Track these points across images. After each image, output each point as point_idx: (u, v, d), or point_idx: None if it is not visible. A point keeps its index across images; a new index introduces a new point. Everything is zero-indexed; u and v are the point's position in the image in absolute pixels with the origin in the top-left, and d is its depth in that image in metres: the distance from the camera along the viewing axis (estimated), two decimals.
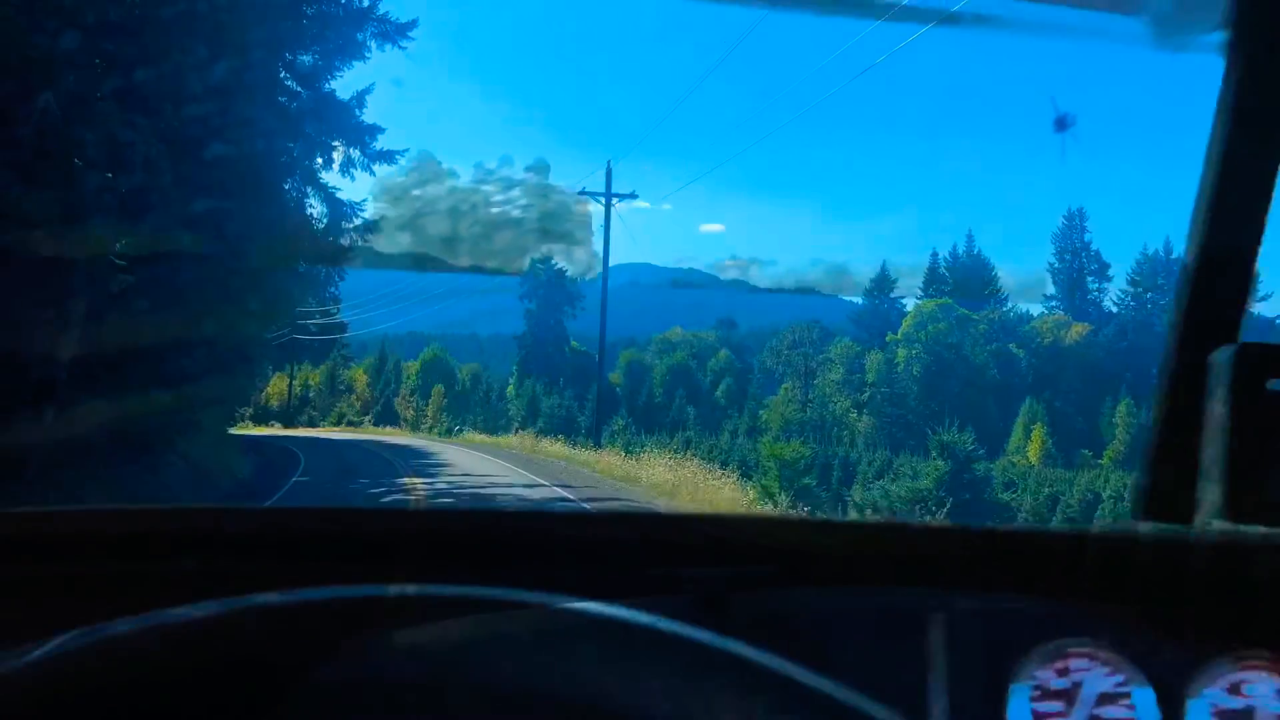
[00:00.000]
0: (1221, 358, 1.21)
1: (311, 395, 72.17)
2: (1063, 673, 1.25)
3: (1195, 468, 1.24)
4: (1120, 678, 1.24)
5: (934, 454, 32.68)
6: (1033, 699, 1.24)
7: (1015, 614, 1.28)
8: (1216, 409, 1.20)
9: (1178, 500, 1.25)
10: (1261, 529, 1.23)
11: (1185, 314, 1.30)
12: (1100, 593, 1.30)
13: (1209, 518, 1.21)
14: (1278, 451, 1.18)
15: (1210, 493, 1.20)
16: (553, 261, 64.24)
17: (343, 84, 22.61)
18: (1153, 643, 1.25)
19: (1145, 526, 1.36)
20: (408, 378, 68.89)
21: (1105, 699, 1.24)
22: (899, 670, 1.28)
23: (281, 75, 19.62)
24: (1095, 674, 1.25)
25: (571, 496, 21.11)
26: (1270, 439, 1.18)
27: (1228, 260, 1.30)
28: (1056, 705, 1.24)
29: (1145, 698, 1.23)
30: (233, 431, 34.47)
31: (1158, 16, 1.46)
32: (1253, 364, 1.19)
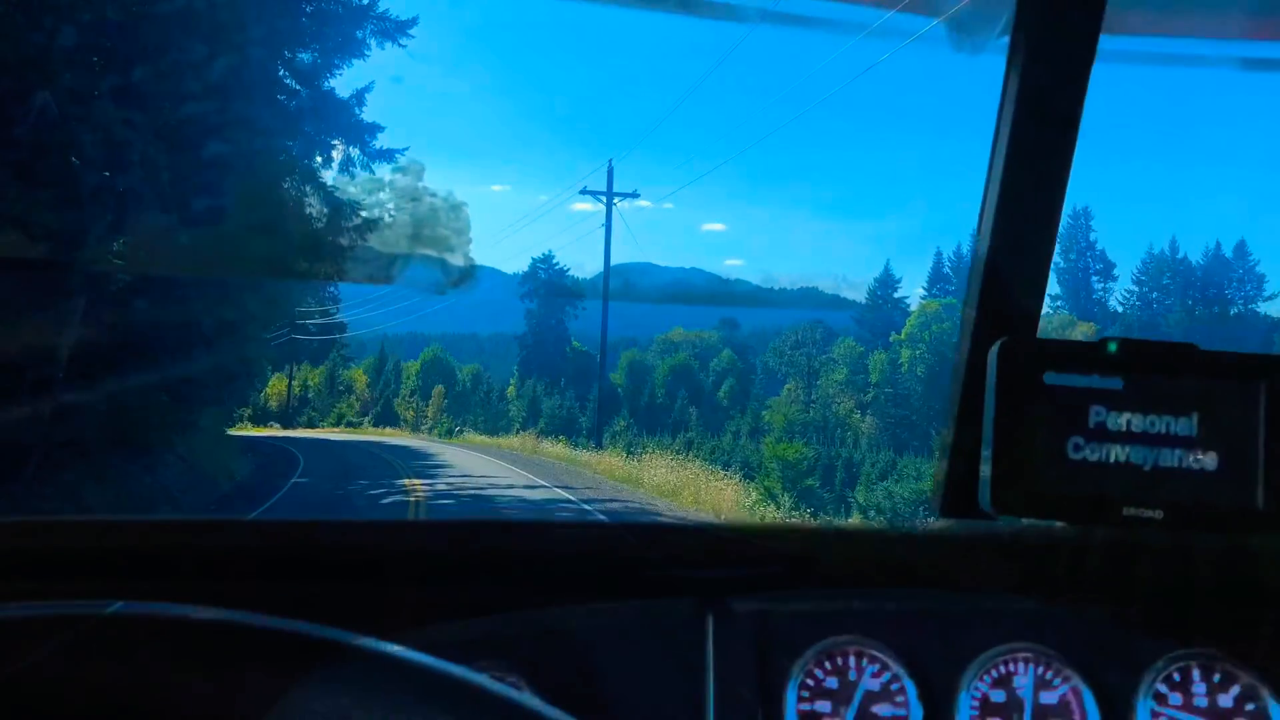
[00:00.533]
0: (994, 352, 1.25)
1: (311, 396, 72.12)
2: (833, 671, 1.28)
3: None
4: (889, 675, 1.28)
5: (938, 455, 32.66)
6: (803, 699, 1.27)
7: (793, 614, 1.31)
8: (987, 403, 1.24)
9: (970, 495, 1.29)
10: (1033, 523, 1.26)
11: (978, 310, 1.33)
12: (882, 589, 1.34)
13: (991, 513, 1.26)
14: (1041, 444, 1.21)
15: (982, 487, 1.24)
16: (554, 260, 64.24)
17: (342, 82, 22.50)
18: (923, 637, 1.29)
19: (930, 523, 1.43)
20: (407, 378, 68.85)
21: (875, 696, 1.28)
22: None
23: (280, 73, 19.58)
24: (867, 672, 1.28)
25: (573, 498, 21.09)
26: (1034, 431, 1.21)
27: (1019, 258, 1.34)
28: (826, 704, 1.27)
29: (913, 692, 1.27)
30: (231, 432, 34.41)
31: (954, 21, 1.52)
32: (1018, 358, 1.23)
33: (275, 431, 54.08)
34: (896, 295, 66.40)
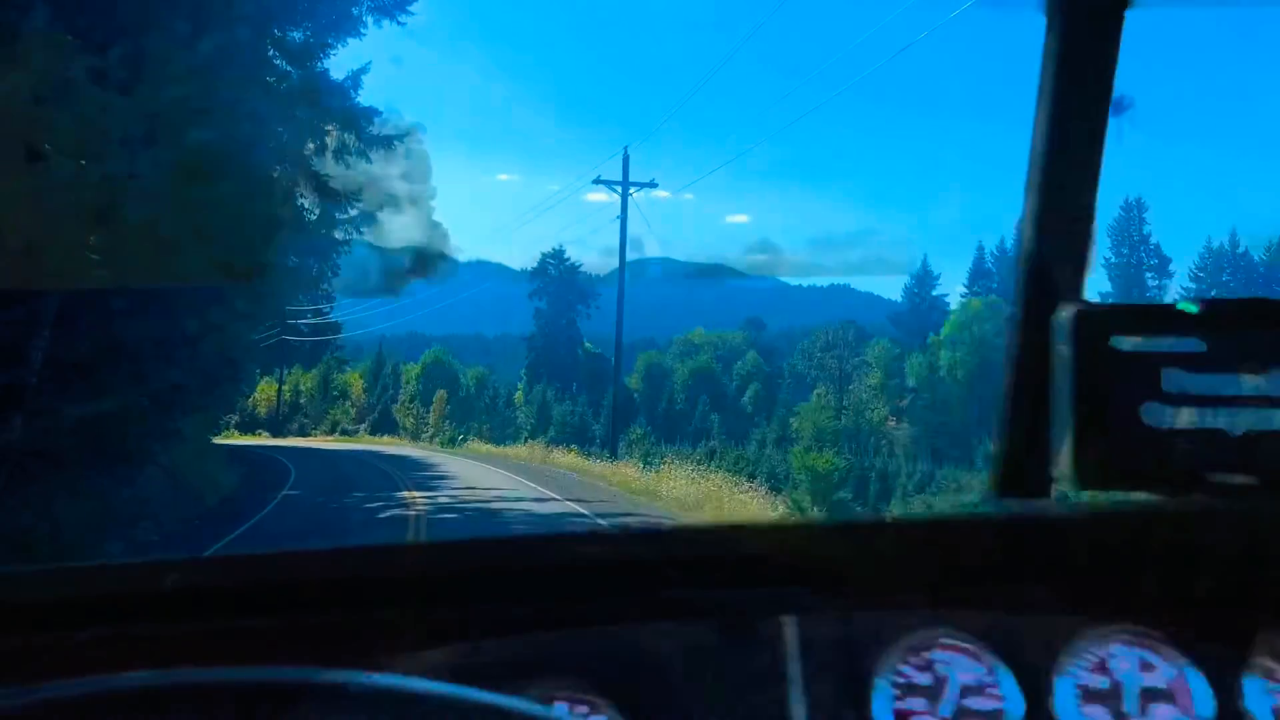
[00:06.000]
0: (1062, 318, 1.26)
1: (303, 401, 72.43)
2: (924, 667, 1.29)
3: (1045, 436, 1.30)
4: (983, 667, 1.28)
5: (980, 466, 32.53)
6: (896, 697, 1.28)
7: (878, 613, 1.32)
8: (1060, 371, 1.25)
9: (1030, 471, 1.31)
10: (1114, 496, 1.27)
11: (1028, 278, 1.37)
12: (963, 579, 1.33)
13: (1061, 488, 1.27)
14: (1121, 412, 1.22)
15: (1060, 461, 1.25)
16: (565, 255, 64.31)
17: (336, 63, 22.60)
18: (1014, 626, 1.30)
19: (1001, 504, 1.45)
20: (407, 382, 69.04)
21: (971, 690, 1.29)
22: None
23: (270, 53, 19.61)
24: (959, 666, 1.29)
25: (586, 512, 21.05)
26: (1113, 399, 1.23)
27: (1065, 223, 1.38)
28: (920, 702, 1.28)
29: (1010, 684, 1.27)
30: (217, 441, 34.62)
31: None
32: (1093, 322, 1.24)
33: (265, 440, 54.33)
34: (935, 293, 66.29)
